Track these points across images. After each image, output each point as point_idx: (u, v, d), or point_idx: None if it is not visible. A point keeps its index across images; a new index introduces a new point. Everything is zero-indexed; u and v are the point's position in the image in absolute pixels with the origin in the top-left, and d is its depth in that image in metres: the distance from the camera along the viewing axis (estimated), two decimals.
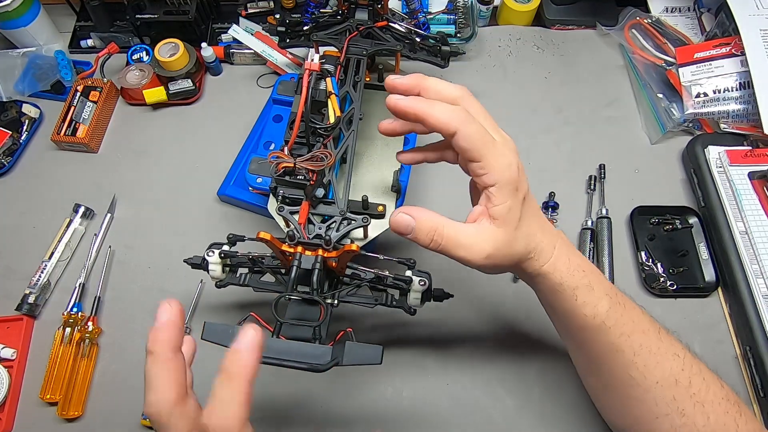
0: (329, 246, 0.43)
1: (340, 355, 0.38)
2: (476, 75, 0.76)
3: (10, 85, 0.72)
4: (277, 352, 0.38)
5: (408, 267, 0.45)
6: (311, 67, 0.47)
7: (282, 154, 0.46)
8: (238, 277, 0.49)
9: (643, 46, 0.74)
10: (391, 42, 0.59)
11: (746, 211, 0.60)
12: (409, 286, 0.45)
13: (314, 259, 0.42)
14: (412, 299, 0.46)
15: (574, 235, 0.63)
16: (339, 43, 0.57)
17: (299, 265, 0.42)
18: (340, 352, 0.39)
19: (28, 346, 0.58)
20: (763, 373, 0.53)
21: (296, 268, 0.42)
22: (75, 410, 0.54)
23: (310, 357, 0.39)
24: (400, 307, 0.47)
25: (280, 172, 0.45)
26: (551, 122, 0.72)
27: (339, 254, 0.42)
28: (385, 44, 0.59)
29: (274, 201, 0.48)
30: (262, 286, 0.49)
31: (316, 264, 0.42)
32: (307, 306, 0.43)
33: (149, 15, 0.72)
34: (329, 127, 0.48)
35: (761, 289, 0.57)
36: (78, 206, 0.64)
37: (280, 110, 0.62)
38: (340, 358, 0.38)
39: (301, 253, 0.42)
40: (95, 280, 0.61)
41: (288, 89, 0.57)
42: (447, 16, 0.75)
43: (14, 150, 0.69)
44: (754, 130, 0.66)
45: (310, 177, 0.46)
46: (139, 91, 0.70)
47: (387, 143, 0.54)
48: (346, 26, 0.58)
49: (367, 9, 0.59)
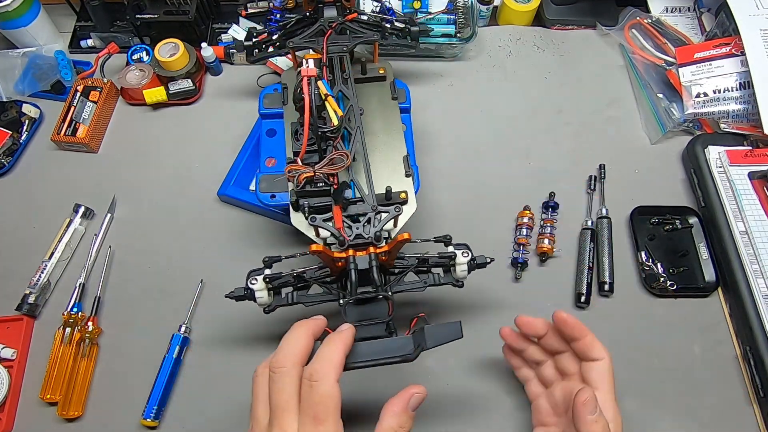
0: (380, 241, 0.44)
1: (422, 340, 0.41)
2: (476, 75, 0.76)
3: (10, 85, 0.72)
4: (366, 354, 0.40)
5: (445, 243, 0.46)
6: (309, 74, 0.47)
7: (298, 166, 0.47)
8: (284, 298, 0.48)
9: (643, 46, 0.74)
10: (367, 33, 0.59)
11: (746, 211, 0.60)
12: (453, 261, 0.46)
13: (369, 258, 0.43)
14: (459, 272, 0.47)
15: (574, 235, 0.63)
16: (316, 44, 0.56)
17: (356, 267, 0.42)
18: (421, 337, 0.41)
19: (28, 346, 0.58)
20: (763, 373, 0.53)
21: (354, 271, 0.42)
22: (75, 410, 0.54)
23: (397, 350, 0.40)
24: (448, 283, 0.48)
25: (302, 183, 0.46)
26: (551, 122, 0.72)
27: (392, 246, 0.43)
28: (362, 36, 0.58)
29: (297, 215, 0.49)
30: (312, 299, 0.48)
31: (372, 261, 0.43)
32: (366, 306, 0.44)
33: (149, 15, 0.72)
34: (335, 128, 0.48)
35: (761, 289, 0.57)
36: (78, 206, 0.64)
37: (272, 124, 0.59)
38: (424, 343, 0.41)
39: (354, 256, 0.43)
40: (95, 280, 0.61)
41: (274, 101, 0.57)
42: (447, 16, 0.75)
43: (14, 150, 0.69)
44: (754, 130, 0.66)
45: (332, 181, 0.47)
46: (139, 91, 0.70)
47: (388, 132, 0.54)
48: (318, 27, 0.57)
49: (335, 5, 0.58)
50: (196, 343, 0.58)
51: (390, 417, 0.38)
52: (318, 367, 0.37)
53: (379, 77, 0.58)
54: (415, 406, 0.39)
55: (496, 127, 0.71)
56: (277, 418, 0.36)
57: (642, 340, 0.58)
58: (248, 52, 0.62)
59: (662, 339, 0.58)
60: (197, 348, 0.58)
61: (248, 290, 0.47)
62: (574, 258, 0.62)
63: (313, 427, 0.35)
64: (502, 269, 0.62)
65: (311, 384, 0.36)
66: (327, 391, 0.36)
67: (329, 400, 0.36)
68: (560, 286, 0.61)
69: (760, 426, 0.54)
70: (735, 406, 0.55)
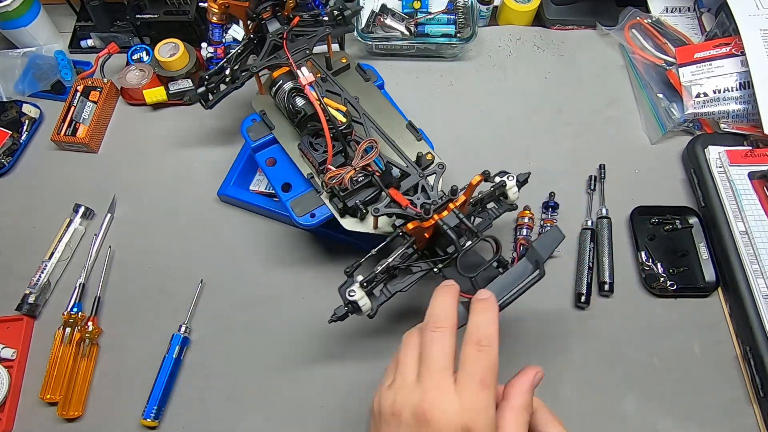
0: (455, 195, 0.46)
1: (536, 255, 0.43)
2: (476, 75, 0.76)
3: (10, 85, 0.72)
4: (504, 291, 0.42)
5: (486, 179, 0.48)
6: (310, 81, 0.48)
7: (336, 170, 0.48)
8: (379, 297, 0.47)
9: (643, 46, 0.74)
10: (318, 31, 0.58)
11: (746, 211, 0.60)
12: (504, 189, 0.49)
13: (455, 213, 0.44)
14: (512, 195, 0.50)
15: (574, 235, 0.63)
16: (277, 59, 0.56)
17: (450, 226, 0.44)
18: (533, 254, 0.44)
19: (28, 346, 0.59)
20: (763, 373, 0.53)
21: (450, 230, 0.44)
22: (75, 410, 0.54)
23: (522, 276, 0.43)
24: (505, 211, 0.51)
25: (348, 184, 0.48)
26: (551, 122, 0.72)
27: (468, 193, 0.44)
28: (314, 35, 0.58)
29: (346, 219, 0.51)
30: (409, 282, 0.47)
31: (460, 215, 0.44)
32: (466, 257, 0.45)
33: (149, 15, 0.72)
34: (347, 124, 0.49)
35: (761, 289, 0.57)
36: (78, 206, 0.64)
37: (268, 153, 0.57)
38: (539, 257, 0.43)
39: (441, 218, 0.44)
40: (95, 280, 0.61)
41: (259, 131, 0.57)
42: (447, 16, 0.75)
43: (14, 150, 0.69)
44: (754, 130, 0.66)
45: (372, 171, 0.49)
46: (139, 91, 0.70)
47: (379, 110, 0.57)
48: (270, 43, 0.57)
49: (275, 17, 0.58)
50: (196, 343, 0.59)
51: (519, 395, 0.38)
52: (489, 332, 0.37)
53: (344, 67, 0.59)
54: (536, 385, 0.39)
55: (496, 127, 0.71)
56: (431, 376, 0.36)
57: (642, 340, 0.58)
58: (203, 99, 0.59)
59: (662, 339, 0.58)
60: (197, 348, 0.58)
61: (350, 304, 0.45)
62: (574, 258, 0.62)
63: (478, 390, 0.35)
64: None
65: (480, 348, 0.36)
66: (496, 358, 0.36)
67: (496, 367, 0.36)
68: (560, 286, 0.61)
69: (760, 426, 0.54)
70: (735, 406, 0.55)
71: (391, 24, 0.73)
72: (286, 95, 0.54)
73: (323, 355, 0.58)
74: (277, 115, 0.58)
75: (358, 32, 0.73)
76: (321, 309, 0.60)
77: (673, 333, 0.58)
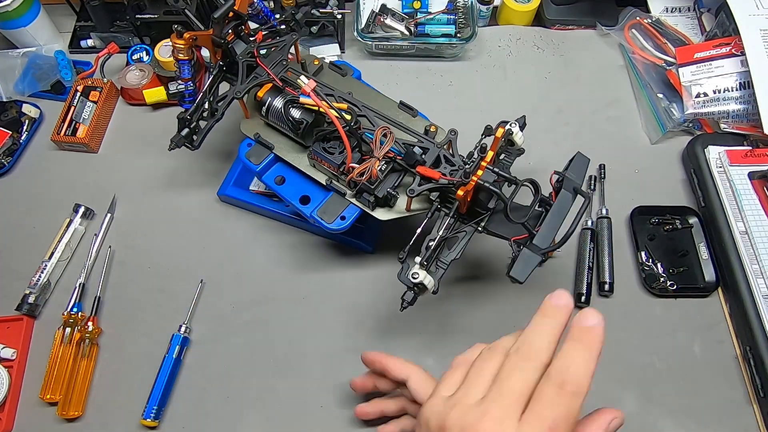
0: (484, 152, 0.48)
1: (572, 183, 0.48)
2: (476, 75, 0.76)
3: (10, 85, 0.72)
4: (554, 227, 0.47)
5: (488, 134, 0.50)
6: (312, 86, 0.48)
7: (361, 166, 0.49)
8: (436, 271, 0.49)
9: (643, 46, 0.74)
10: (285, 39, 0.58)
11: (746, 211, 0.60)
12: (511, 136, 0.51)
13: (489, 169, 0.46)
14: (518, 140, 0.52)
15: (574, 235, 0.63)
16: (257, 78, 0.55)
17: (490, 182, 0.45)
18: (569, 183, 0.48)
19: (28, 346, 0.59)
20: (763, 373, 0.53)
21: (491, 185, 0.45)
22: (75, 410, 0.54)
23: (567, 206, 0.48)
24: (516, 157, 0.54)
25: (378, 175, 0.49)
26: (551, 122, 0.72)
27: (495, 146, 0.46)
28: (284, 44, 0.57)
29: (379, 210, 0.52)
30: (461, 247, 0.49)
31: (495, 169, 0.46)
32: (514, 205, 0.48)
33: (149, 15, 0.72)
34: (354, 120, 0.50)
35: (761, 289, 0.57)
36: (78, 206, 0.64)
37: (274, 173, 0.56)
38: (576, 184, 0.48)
39: (478, 179, 0.45)
40: (95, 280, 0.61)
41: (260, 153, 0.56)
42: (447, 16, 0.75)
43: (14, 150, 0.69)
44: (754, 130, 0.66)
45: (393, 157, 0.51)
46: (139, 91, 0.70)
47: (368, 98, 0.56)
48: (243, 64, 0.56)
49: (239, 38, 0.57)
50: (196, 343, 0.59)
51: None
52: (579, 376, 0.31)
53: (319, 68, 0.59)
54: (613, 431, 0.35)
55: None
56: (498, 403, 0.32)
57: (642, 340, 0.58)
58: (187, 140, 0.56)
59: (662, 339, 0.58)
60: (197, 348, 0.58)
61: (416, 286, 0.46)
62: (574, 258, 0.62)
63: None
64: (503, 270, 0.62)
65: (562, 393, 0.31)
66: (578, 409, 0.31)
67: (575, 419, 0.31)
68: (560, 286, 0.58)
69: (760, 426, 0.54)
70: (735, 405, 0.55)
71: (391, 24, 0.73)
72: (282, 110, 0.53)
73: (323, 355, 0.58)
74: (272, 132, 0.57)
75: (358, 32, 0.73)
76: (321, 308, 0.60)
77: (673, 333, 0.58)
